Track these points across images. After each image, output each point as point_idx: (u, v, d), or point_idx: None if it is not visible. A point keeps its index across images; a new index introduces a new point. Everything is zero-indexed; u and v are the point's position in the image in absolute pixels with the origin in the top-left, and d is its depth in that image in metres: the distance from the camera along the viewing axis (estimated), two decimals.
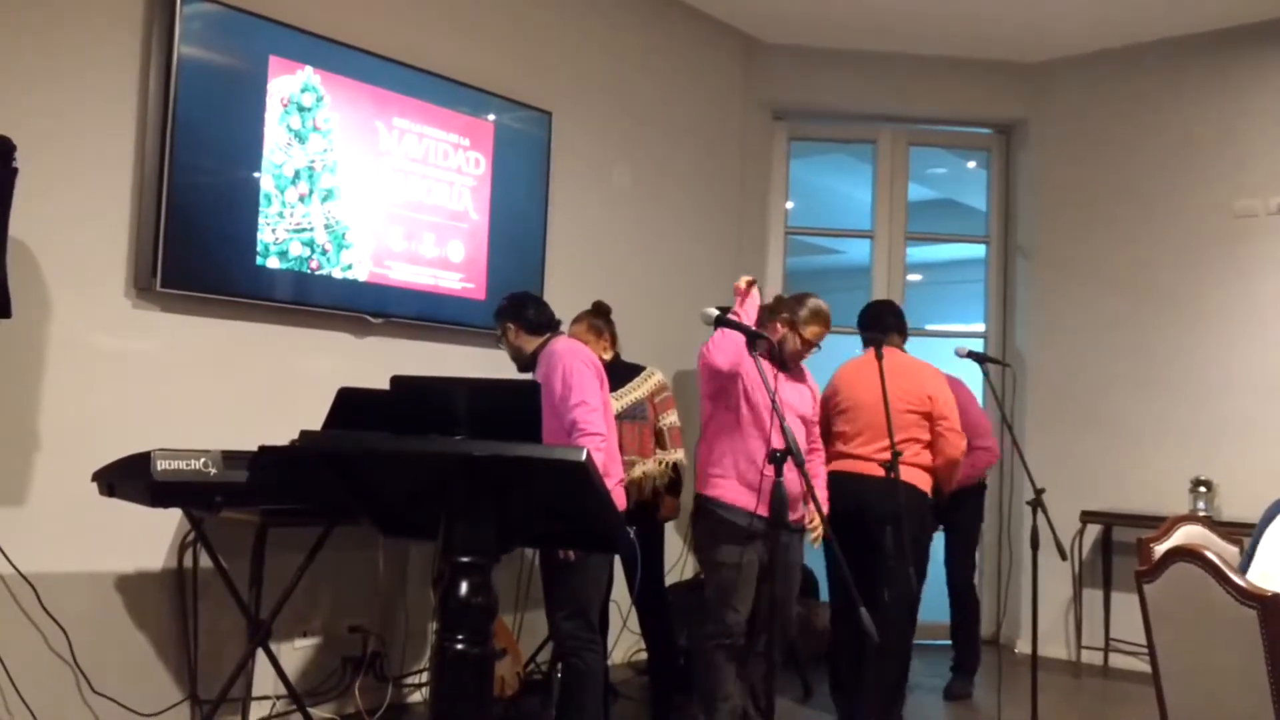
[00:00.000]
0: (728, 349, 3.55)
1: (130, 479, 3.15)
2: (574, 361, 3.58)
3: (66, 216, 3.56)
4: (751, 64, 6.45)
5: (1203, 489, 5.56)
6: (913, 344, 4.87)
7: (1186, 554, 2.52)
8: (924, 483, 4.34)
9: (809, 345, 3.85)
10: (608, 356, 4.39)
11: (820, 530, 3.70)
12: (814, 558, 4.91)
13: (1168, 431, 5.95)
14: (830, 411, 4.44)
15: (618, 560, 4.35)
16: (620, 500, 3.71)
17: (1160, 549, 2.67)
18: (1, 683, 3.36)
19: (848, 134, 6.91)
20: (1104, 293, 6.25)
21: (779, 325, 3.85)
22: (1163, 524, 2.91)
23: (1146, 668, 3.00)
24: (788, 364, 3.87)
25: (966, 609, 5.36)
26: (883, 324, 4.70)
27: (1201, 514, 5.29)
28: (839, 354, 4.80)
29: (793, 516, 3.63)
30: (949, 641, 5.41)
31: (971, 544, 5.54)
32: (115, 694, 3.62)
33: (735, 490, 3.66)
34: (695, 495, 3.82)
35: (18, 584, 3.42)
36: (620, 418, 4.24)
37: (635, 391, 4.44)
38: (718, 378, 3.64)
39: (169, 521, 3.76)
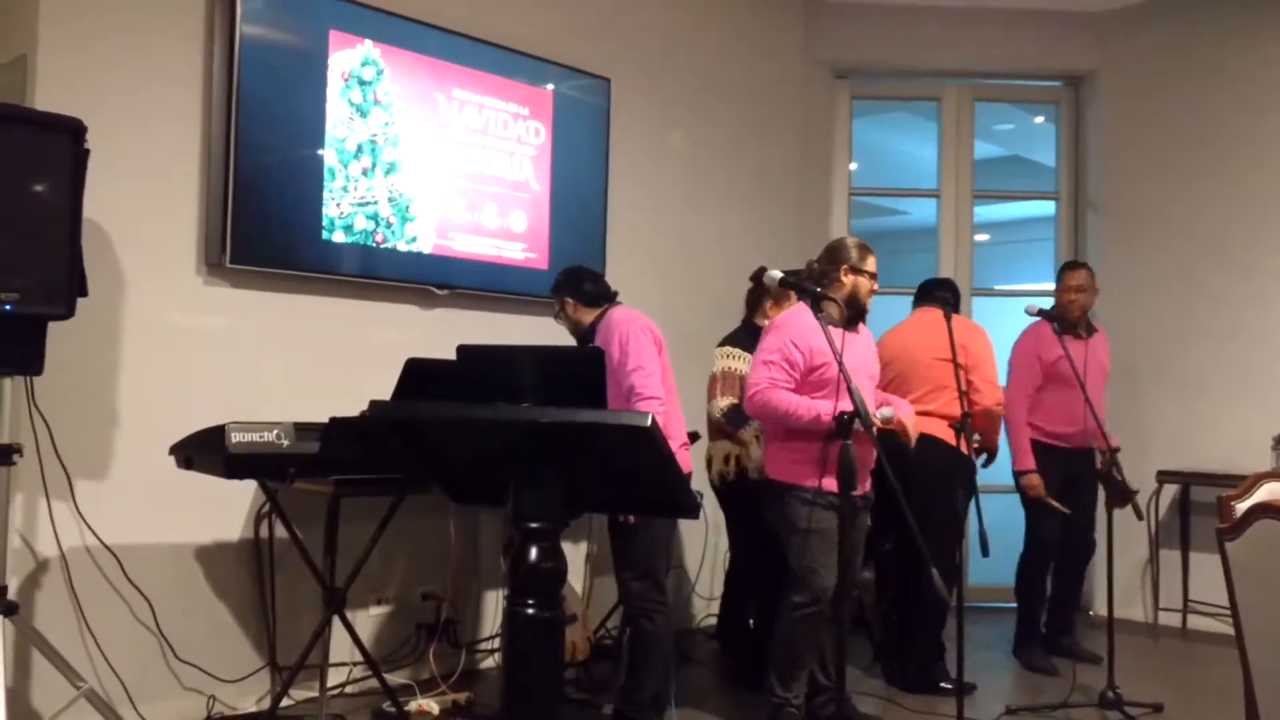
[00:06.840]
0: (764, 416, 3.64)
1: (206, 452, 3.22)
2: (631, 327, 3.62)
3: (138, 197, 3.63)
4: (812, 22, 6.35)
5: None
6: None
7: (1271, 510, 2.45)
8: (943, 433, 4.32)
9: (874, 278, 3.76)
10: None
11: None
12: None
13: (1247, 387, 5.78)
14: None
15: (683, 525, 4.37)
16: (685, 463, 3.71)
17: (1242, 506, 2.60)
18: (90, 650, 3.47)
19: (911, 91, 6.78)
20: (1179, 246, 6.08)
21: (843, 278, 3.74)
22: (1243, 482, 2.83)
23: (1226, 629, 2.94)
24: (863, 314, 3.79)
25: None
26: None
27: None
28: (897, 315, 4.79)
29: (860, 489, 3.60)
30: (1014, 604, 5.33)
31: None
32: (198, 661, 3.73)
33: (805, 473, 3.58)
34: (765, 480, 3.77)
35: (103, 556, 3.52)
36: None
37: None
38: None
39: (245, 493, 3.85)
